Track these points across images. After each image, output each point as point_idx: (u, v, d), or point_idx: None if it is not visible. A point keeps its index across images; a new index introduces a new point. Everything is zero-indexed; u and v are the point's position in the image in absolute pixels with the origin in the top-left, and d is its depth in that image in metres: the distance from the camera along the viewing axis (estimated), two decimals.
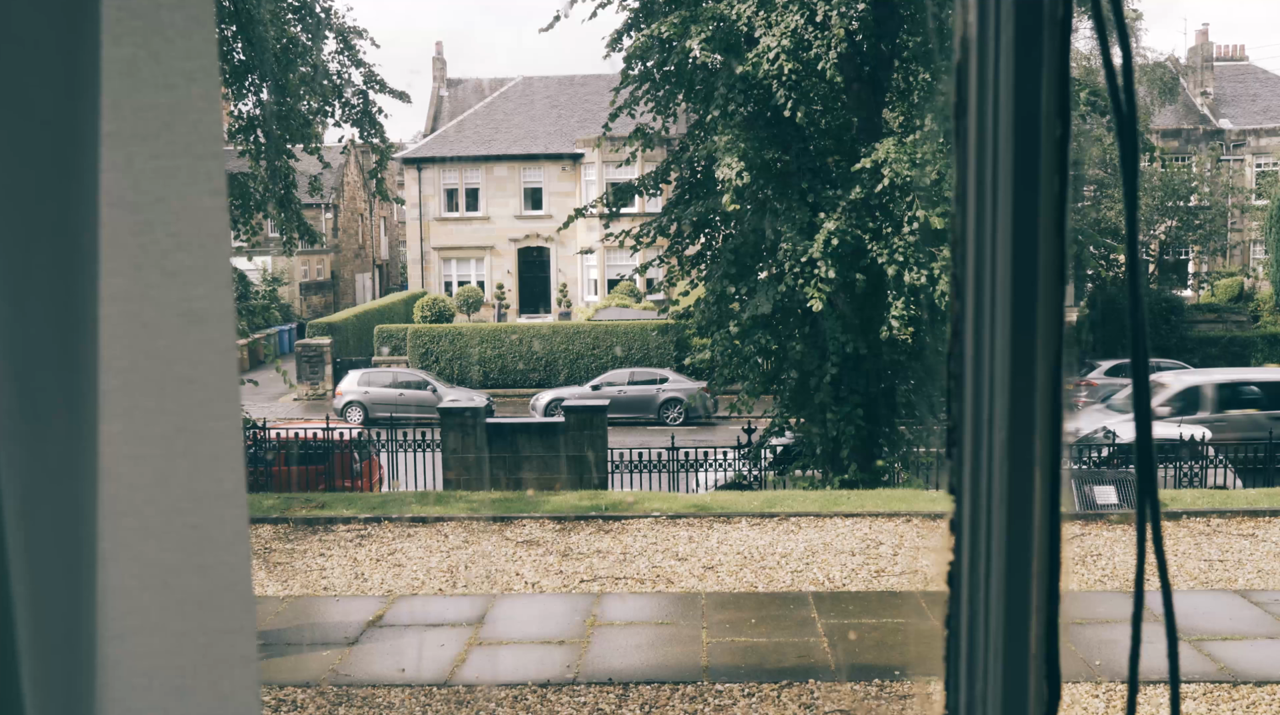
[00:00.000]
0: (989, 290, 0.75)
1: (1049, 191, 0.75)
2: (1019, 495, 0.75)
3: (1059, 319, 0.77)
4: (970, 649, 0.78)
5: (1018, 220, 0.74)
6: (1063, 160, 0.76)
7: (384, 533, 10.63)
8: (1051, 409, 0.76)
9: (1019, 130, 0.74)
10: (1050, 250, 0.75)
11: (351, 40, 16.75)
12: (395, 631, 7.97)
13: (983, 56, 0.74)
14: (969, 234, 0.76)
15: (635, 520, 11.00)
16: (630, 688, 6.92)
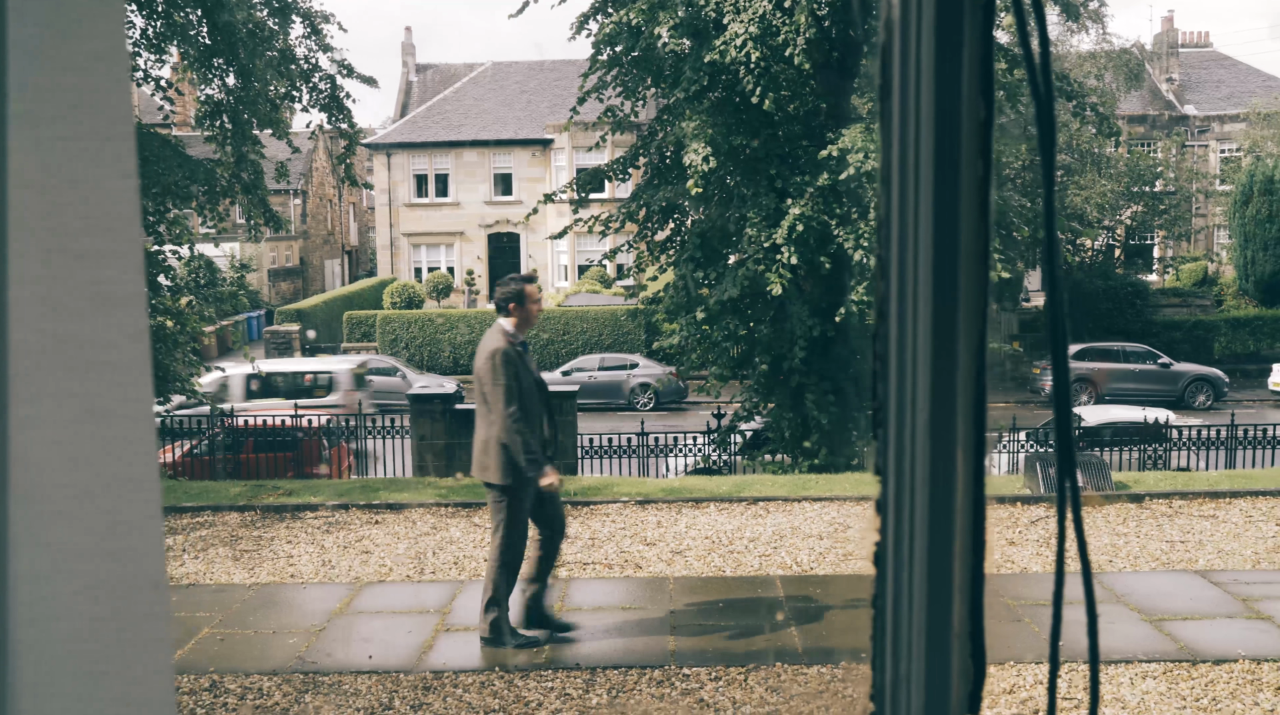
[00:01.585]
0: (912, 272, 0.75)
1: (971, 174, 0.76)
2: (941, 476, 0.76)
3: (982, 301, 0.77)
4: (895, 629, 0.78)
5: (939, 202, 0.75)
6: (986, 143, 0.77)
7: (352, 520, 10.59)
8: (975, 390, 0.77)
9: (940, 112, 0.74)
10: (973, 232, 0.76)
11: (319, 25, 16.61)
12: (363, 618, 7.95)
13: (905, 39, 0.75)
14: (893, 216, 0.76)
15: (603, 505, 11.01)
16: (598, 672, 6.94)
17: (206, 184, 15.99)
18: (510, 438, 6.83)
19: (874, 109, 0.75)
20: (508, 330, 6.99)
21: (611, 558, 9.36)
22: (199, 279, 18.55)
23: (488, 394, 6.87)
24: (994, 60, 0.76)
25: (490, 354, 6.86)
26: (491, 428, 6.91)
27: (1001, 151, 28.85)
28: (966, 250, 0.75)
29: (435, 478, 13.19)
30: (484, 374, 6.89)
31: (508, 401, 6.80)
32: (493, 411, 6.87)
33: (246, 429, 17.11)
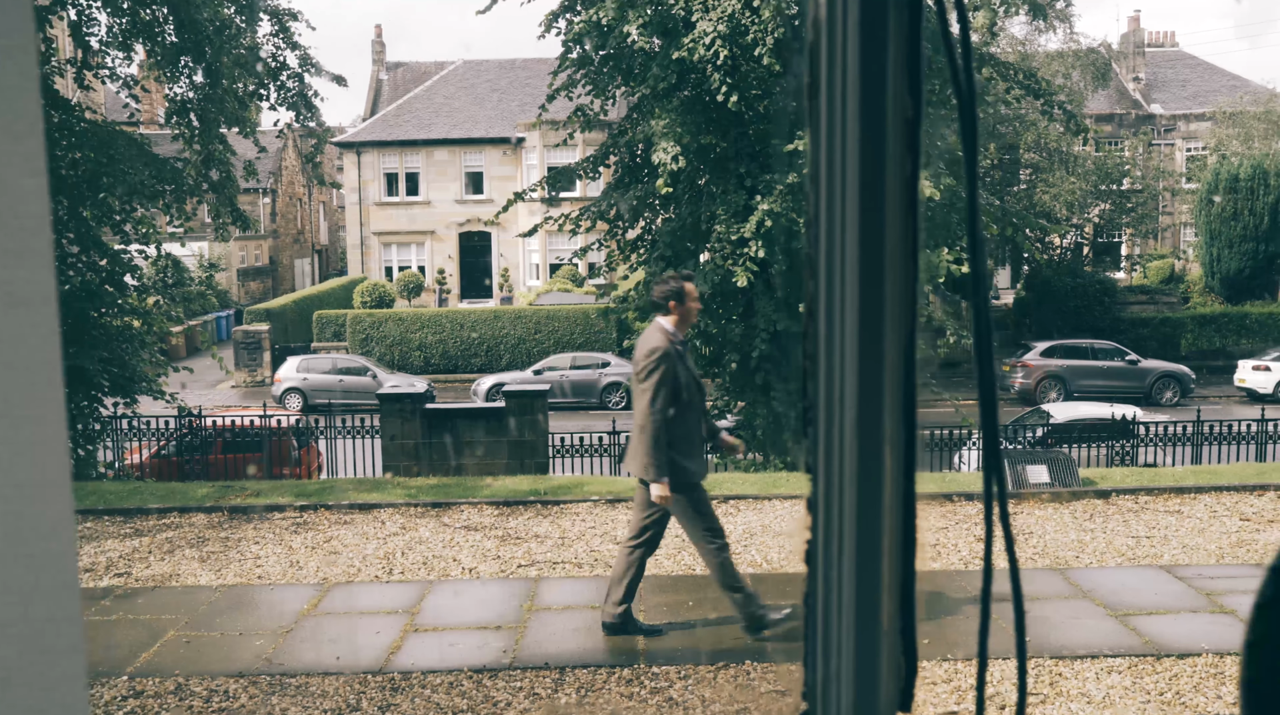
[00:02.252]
0: (839, 271, 0.76)
1: (899, 171, 0.76)
2: (869, 474, 0.76)
3: (911, 299, 0.77)
4: (825, 627, 0.79)
5: (865, 200, 0.75)
6: (914, 140, 0.77)
7: (320, 520, 10.54)
8: (903, 388, 0.77)
9: (866, 111, 0.74)
10: (900, 230, 0.76)
11: (286, 22, 16.52)
12: (330, 619, 7.91)
13: (831, 38, 0.75)
14: (821, 215, 0.76)
15: (575, 504, 11.00)
16: (567, 671, 6.93)
17: (173, 183, 15.87)
18: (645, 436, 6.76)
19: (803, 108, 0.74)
20: (668, 328, 6.91)
21: (581, 557, 9.35)
22: (166, 279, 18.41)
23: (636, 389, 6.86)
24: (921, 59, 0.77)
25: (650, 351, 6.78)
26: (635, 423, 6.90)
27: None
28: (893, 248, 0.76)
29: (405, 478, 13.13)
30: (640, 369, 6.84)
31: (653, 400, 6.75)
32: (637, 408, 6.84)
33: (215, 430, 16.99)
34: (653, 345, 6.80)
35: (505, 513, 10.79)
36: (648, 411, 6.73)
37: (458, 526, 10.32)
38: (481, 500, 11.10)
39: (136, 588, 8.62)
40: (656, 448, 6.75)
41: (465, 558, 9.34)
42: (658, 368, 6.73)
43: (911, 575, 0.80)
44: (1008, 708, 6.30)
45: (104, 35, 15.51)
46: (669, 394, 6.76)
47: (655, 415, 6.73)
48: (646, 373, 6.76)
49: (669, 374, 6.76)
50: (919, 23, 0.76)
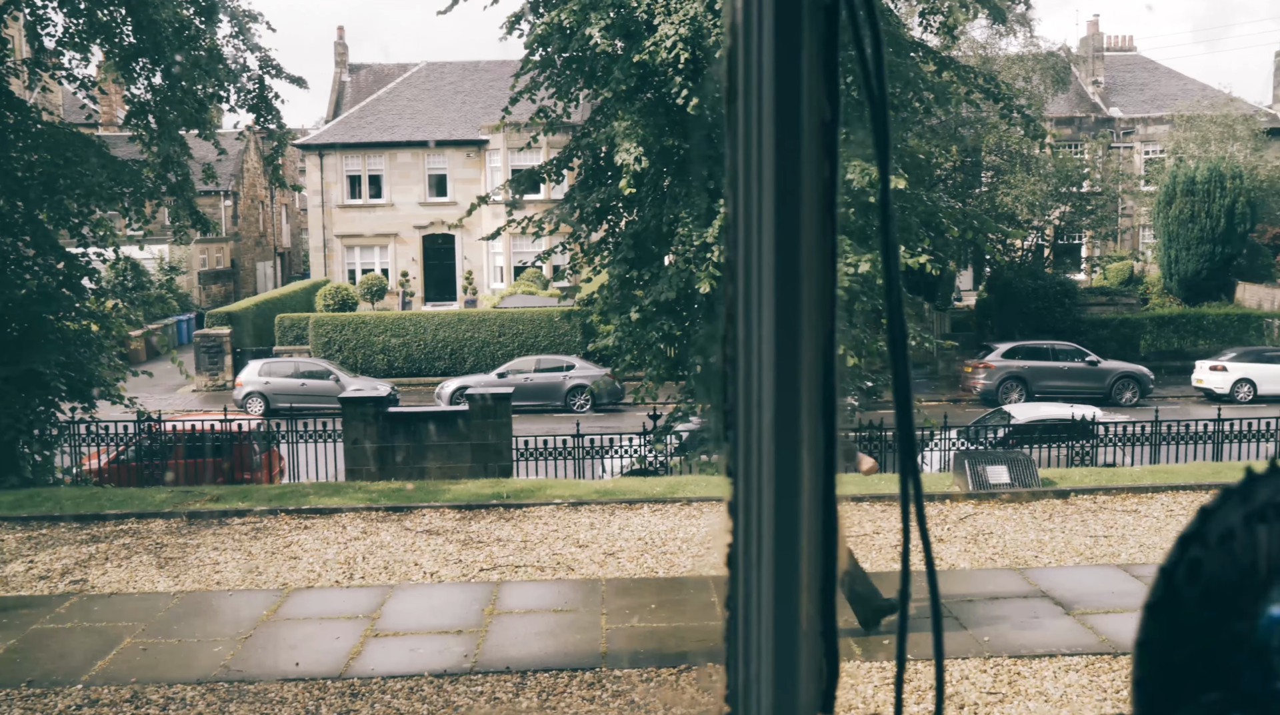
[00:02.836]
0: (756, 274, 0.76)
1: (816, 175, 0.76)
2: (787, 477, 0.76)
3: (830, 302, 0.78)
4: (745, 630, 0.79)
5: (780, 204, 0.75)
6: (831, 144, 0.77)
7: (280, 525, 10.46)
8: (822, 391, 0.77)
9: (781, 115, 0.74)
10: (817, 233, 0.76)
11: (246, 24, 16.39)
12: (290, 625, 7.85)
13: (747, 43, 0.75)
14: (738, 218, 0.77)
15: (537, 507, 10.98)
16: (528, 675, 6.92)
17: (132, 185, 15.71)
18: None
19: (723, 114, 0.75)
20: None
21: (544, 560, 9.33)
22: (125, 282, 18.22)
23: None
24: (838, 64, 0.77)
25: None
26: None
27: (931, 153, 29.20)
28: (810, 251, 0.76)
29: (366, 482, 13.06)
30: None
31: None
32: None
33: (175, 435, 16.83)
34: None
35: (467, 516, 10.75)
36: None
37: (419, 531, 10.27)
38: (443, 504, 11.06)
39: (93, 595, 8.52)
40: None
41: (427, 562, 9.30)
42: None
43: (832, 578, 0.80)
44: (966, 707, 6.35)
45: (61, 36, 15.34)
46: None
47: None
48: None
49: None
50: (835, 28, 0.76)
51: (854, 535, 9.86)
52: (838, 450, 0.80)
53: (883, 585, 8.53)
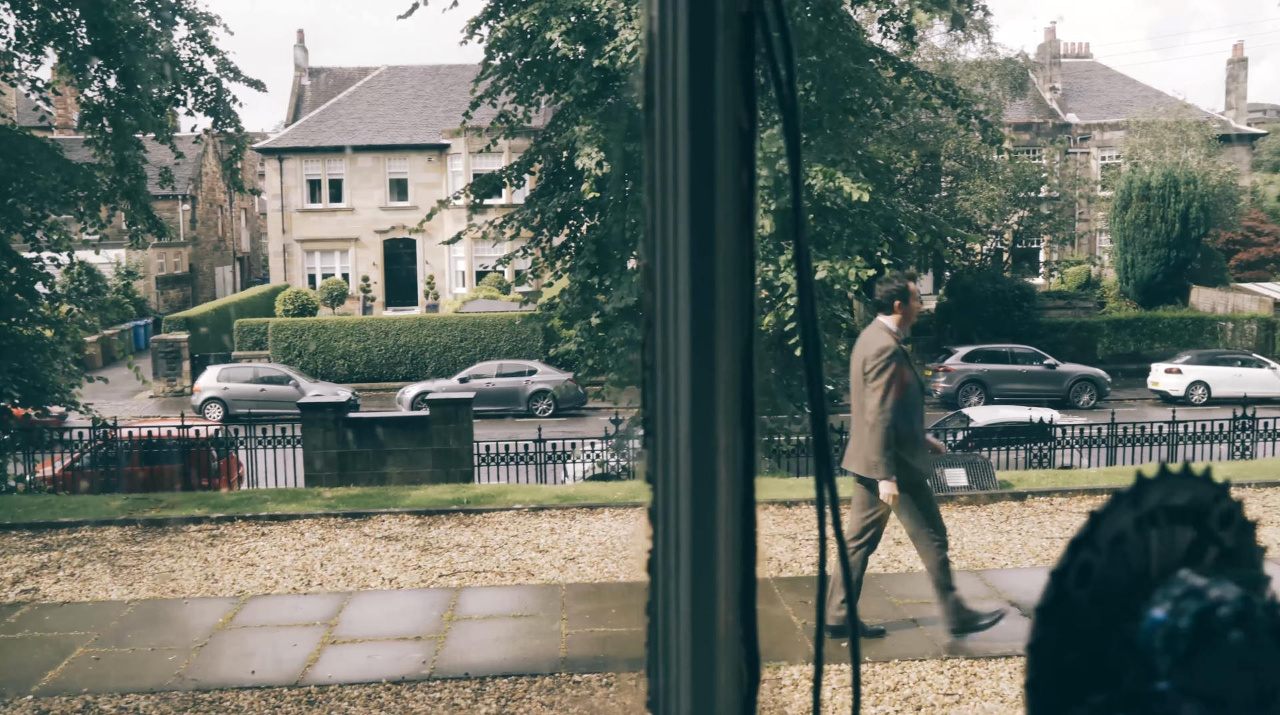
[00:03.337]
0: (672, 282, 0.76)
1: (733, 183, 0.77)
2: (703, 483, 0.76)
3: (749, 309, 0.78)
4: (664, 636, 0.79)
5: (695, 212, 0.75)
6: (749, 153, 0.78)
7: (237, 532, 10.36)
8: (740, 398, 0.78)
9: (695, 124, 0.75)
10: (734, 241, 0.77)
11: (203, 27, 16.25)
12: (246, 633, 7.78)
13: (663, 51, 0.75)
14: (656, 226, 0.77)
15: (497, 513, 10.94)
16: (487, 681, 6.89)
17: (86, 189, 15.53)
18: (874, 436, 6.69)
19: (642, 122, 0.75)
20: (891, 328, 6.88)
21: (503, 566, 9.30)
22: (81, 287, 18.02)
23: (868, 388, 6.76)
24: (754, 72, 0.77)
25: (881, 351, 6.72)
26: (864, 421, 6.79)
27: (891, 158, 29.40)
28: (726, 259, 0.76)
29: (325, 488, 12.97)
30: (870, 368, 6.75)
31: (883, 400, 6.69)
32: (868, 405, 6.75)
33: (131, 441, 16.64)
34: (882, 344, 6.76)
35: (426, 522, 10.70)
36: (878, 410, 6.68)
37: (378, 537, 10.22)
38: (403, 510, 11.00)
39: (45, 604, 8.41)
40: (885, 447, 6.70)
41: (385, 568, 9.25)
42: (888, 366, 6.70)
43: (752, 584, 0.80)
44: (923, 709, 6.38)
45: (13, 37, 15.15)
46: (897, 393, 6.73)
47: (885, 414, 6.68)
48: (877, 372, 6.71)
49: (898, 373, 6.74)
50: (752, 38, 0.77)
51: (814, 538, 9.91)
52: (757, 456, 0.81)
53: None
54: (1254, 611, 0.57)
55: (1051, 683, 0.62)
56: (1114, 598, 0.61)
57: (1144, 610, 0.60)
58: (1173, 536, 0.62)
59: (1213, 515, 0.64)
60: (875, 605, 8.16)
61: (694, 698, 0.78)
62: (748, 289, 0.78)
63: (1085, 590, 0.62)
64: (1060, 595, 0.62)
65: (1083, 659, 0.61)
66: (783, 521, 10.53)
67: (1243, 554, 0.65)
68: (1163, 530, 0.61)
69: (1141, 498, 0.62)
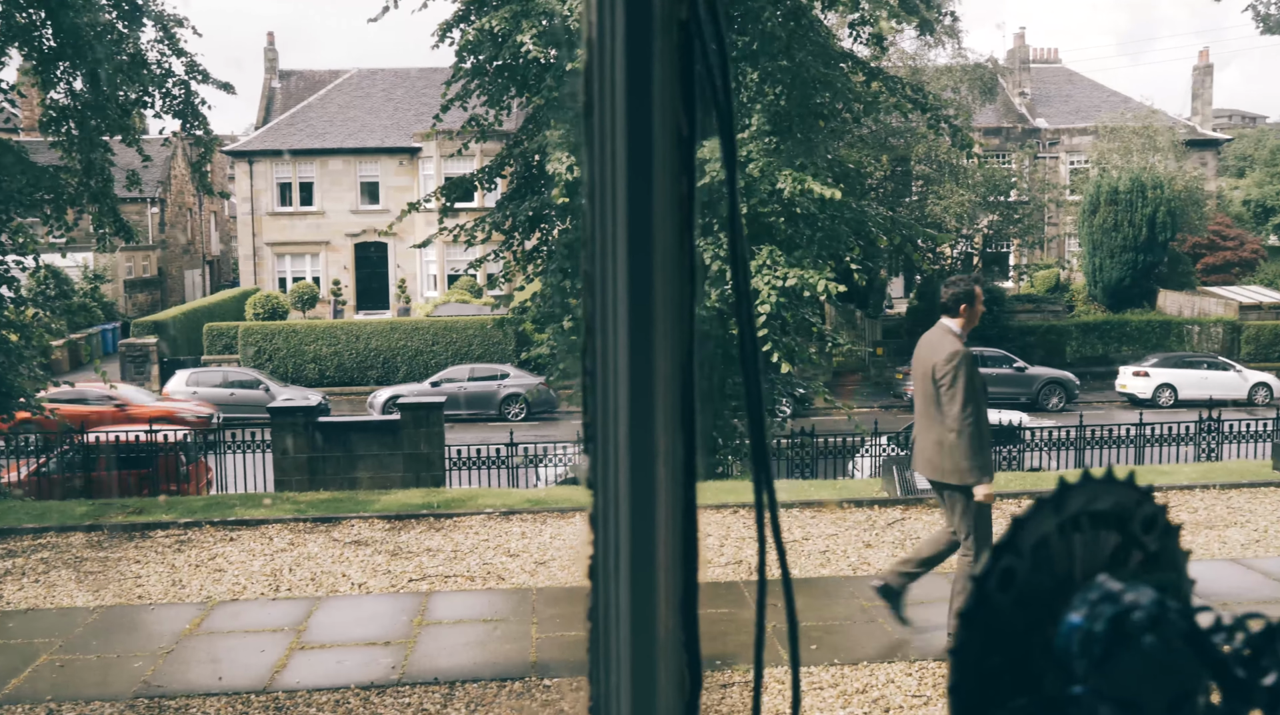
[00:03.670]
0: (611, 288, 0.76)
1: (672, 190, 0.77)
2: (642, 489, 0.77)
3: (689, 317, 0.78)
4: (605, 641, 0.79)
5: (633, 219, 0.75)
6: (688, 159, 0.78)
7: (205, 538, 10.29)
8: (681, 404, 0.78)
9: (633, 130, 0.75)
10: (673, 248, 0.77)
11: (171, 28, 16.14)
12: (213, 639, 7.72)
13: (600, 58, 0.75)
14: (595, 232, 0.77)
15: (468, 517, 10.91)
16: (457, 686, 6.87)
17: (53, 191, 15.40)
18: (962, 440, 6.70)
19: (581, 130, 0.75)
20: (955, 331, 6.91)
21: (474, 570, 9.28)
22: (47, 291, 17.85)
23: (943, 393, 6.74)
24: (706, 77, 0.78)
25: (952, 355, 6.74)
26: (944, 430, 6.78)
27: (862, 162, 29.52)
28: (665, 265, 0.76)
29: (296, 493, 12.90)
30: (943, 374, 6.74)
31: (965, 402, 6.69)
32: (947, 413, 6.74)
33: (99, 446, 16.50)
34: (952, 348, 6.78)
35: (397, 527, 10.66)
36: (960, 415, 6.69)
37: (347, 541, 10.17)
38: (373, 514, 10.96)
39: (8, 611, 8.33)
40: (975, 450, 6.72)
41: (355, 573, 9.20)
42: (961, 369, 6.73)
43: (694, 589, 0.80)
44: (891, 710, 6.41)
45: None
46: (973, 394, 6.75)
47: (968, 417, 6.70)
48: (953, 377, 6.72)
49: (971, 375, 6.76)
50: (691, 44, 0.77)
51: (784, 541, 9.93)
52: (697, 462, 0.81)
53: (811, 591, 8.60)
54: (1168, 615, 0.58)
55: (974, 687, 0.63)
56: (1037, 602, 0.62)
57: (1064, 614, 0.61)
58: (1097, 541, 0.62)
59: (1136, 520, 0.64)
60: (843, 607, 8.19)
61: (634, 703, 0.78)
62: (687, 295, 0.79)
63: (1008, 595, 0.62)
64: (982, 600, 0.63)
65: (1005, 663, 0.61)
66: (752, 524, 10.55)
67: (1166, 558, 0.66)
68: (1086, 535, 0.62)
69: (1064, 503, 0.63)
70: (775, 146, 13.62)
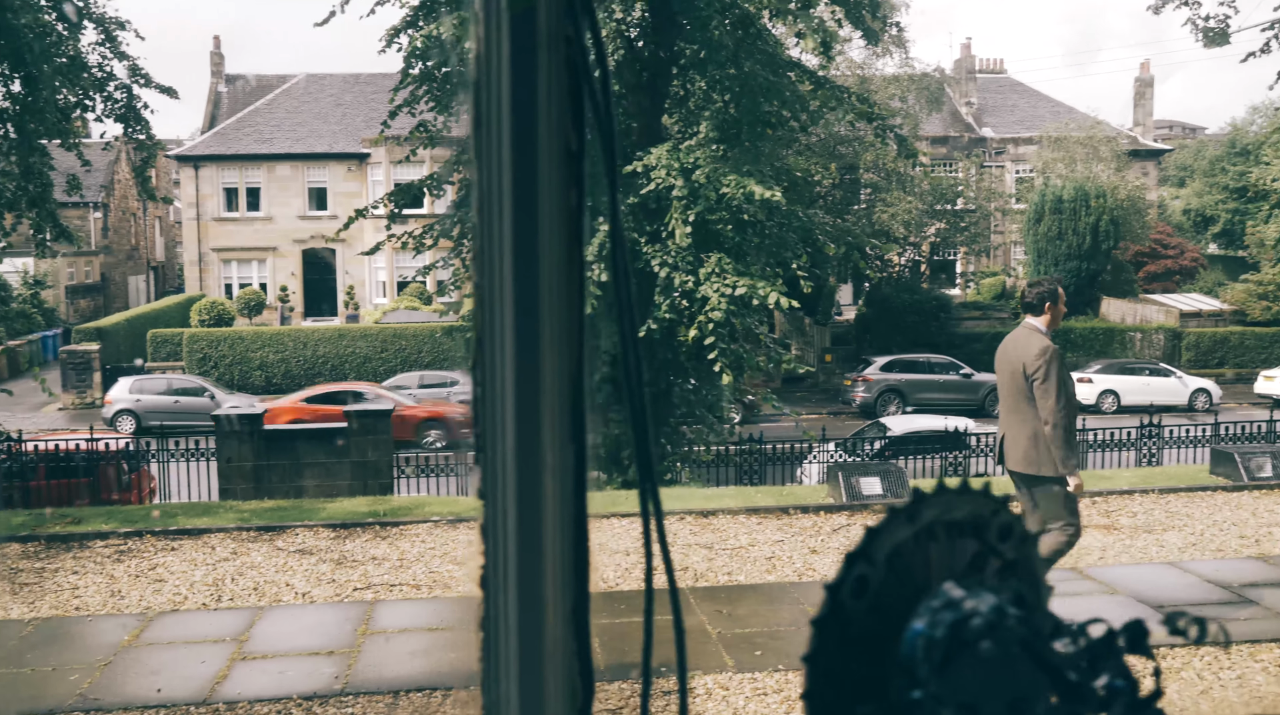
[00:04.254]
0: (498, 302, 0.77)
1: (560, 203, 0.78)
2: (529, 500, 0.77)
3: (578, 331, 0.79)
4: (495, 650, 0.80)
5: (518, 232, 0.76)
6: (578, 173, 0.79)
7: (145, 547, 10.15)
8: (570, 416, 0.79)
9: (518, 144, 0.76)
10: (562, 261, 0.78)
11: (113, 31, 15.92)
12: (152, 650, 7.61)
13: (488, 74, 0.76)
14: (483, 246, 0.78)
15: (414, 525, 10.85)
16: (401, 695, 6.82)
17: None
18: (1057, 433, 6.92)
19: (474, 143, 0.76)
20: (1041, 329, 7.12)
21: (420, 578, 9.23)
22: None
23: (1037, 389, 6.97)
24: (583, 93, 0.79)
25: (1043, 351, 6.96)
26: (1039, 423, 7.00)
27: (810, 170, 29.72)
28: (552, 279, 0.77)
29: (240, 502, 12.76)
30: (1035, 370, 6.97)
31: (1059, 397, 6.92)
32: (1040, 407, 6.96)
33: (37, 454, 16.20)
34: (1042, 345, 7.01)
35: (342, 535, 10.58)
36: (1055, 408, 6.93)
37: (292, 550, 10.07)
38: (318, 523, 10.86)
39: None
40: (1070, 443, 6.99)
41: (299, 582, 9.12)
42: (1052, 365, 6.98)
43: (585, 599, 0.81)
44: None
45: None
46: (1064, 389, 7.01)
47: (1061, 411, 6.95)
48: (1045, 373, 6.97)
49: (1062, 370, 7.02)
50: (580, 59, 0.78)
51: (730, 547, 9.96)
52: (588, 474, 0.82)
53: (756, 597, 8.64)
54: (1006, 622, 0.59)
55: (827, 693, 0.64)
56: (893, 610, 0.63)
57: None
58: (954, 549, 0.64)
59: (992, 528, 0.66)
60: (788, 612, 8.24)
61: (523, 712, 0.79)
62: (577, 308, 0.79)
63: (862, 603, 0.64)
64: (835, 608, 0.64)
65: (858, 670, 0.63)
66: (700, 531, 10.58)
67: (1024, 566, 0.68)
68: (942, 544, 0.64)
69: (919, 512, 0.65)
70: (723, 154, 13.69)
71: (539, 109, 0.76)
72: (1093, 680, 0.58)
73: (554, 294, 0.77)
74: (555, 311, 0.78)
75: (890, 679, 0.61)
